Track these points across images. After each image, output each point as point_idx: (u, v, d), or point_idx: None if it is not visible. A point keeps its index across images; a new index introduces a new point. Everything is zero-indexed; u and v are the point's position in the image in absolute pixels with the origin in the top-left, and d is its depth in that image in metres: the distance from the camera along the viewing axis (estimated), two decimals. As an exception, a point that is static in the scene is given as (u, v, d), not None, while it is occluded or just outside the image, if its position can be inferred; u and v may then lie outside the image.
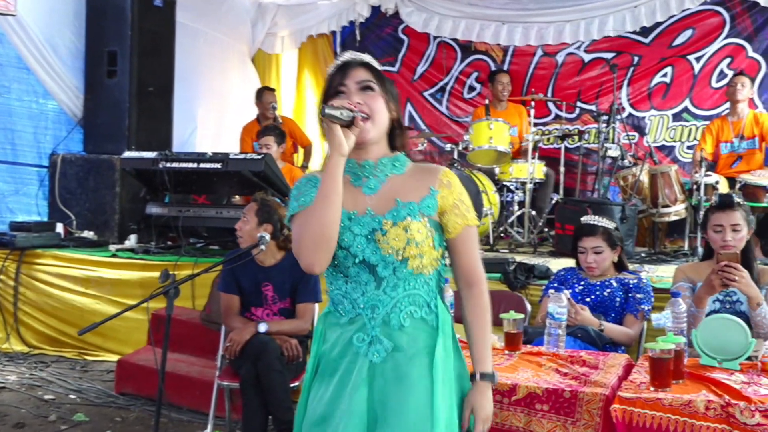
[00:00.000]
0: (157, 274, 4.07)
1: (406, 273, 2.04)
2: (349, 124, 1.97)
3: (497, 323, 4.08)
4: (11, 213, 6.98)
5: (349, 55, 2.15)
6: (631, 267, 4.34)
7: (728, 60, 7.83)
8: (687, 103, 7.98)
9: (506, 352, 3.22)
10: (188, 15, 7.80)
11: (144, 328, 5.56)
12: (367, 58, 2.14)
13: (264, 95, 7.98)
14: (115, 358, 5.54)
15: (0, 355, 5.94)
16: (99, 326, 3.54)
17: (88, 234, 6.71)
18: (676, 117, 8.03)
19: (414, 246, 2.02)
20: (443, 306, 2.11)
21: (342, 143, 1.96)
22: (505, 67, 8.60)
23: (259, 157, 5.69)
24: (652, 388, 2.64)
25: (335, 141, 1.96)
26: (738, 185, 6.08)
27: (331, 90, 2.08)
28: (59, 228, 6.59)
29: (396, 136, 2.14)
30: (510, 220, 7.21)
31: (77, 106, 7.20)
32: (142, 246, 6.20)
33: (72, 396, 5.08)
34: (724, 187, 6.25)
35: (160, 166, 5.84)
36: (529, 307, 4.35)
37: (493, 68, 8.61)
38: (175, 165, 5.83)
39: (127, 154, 6.21)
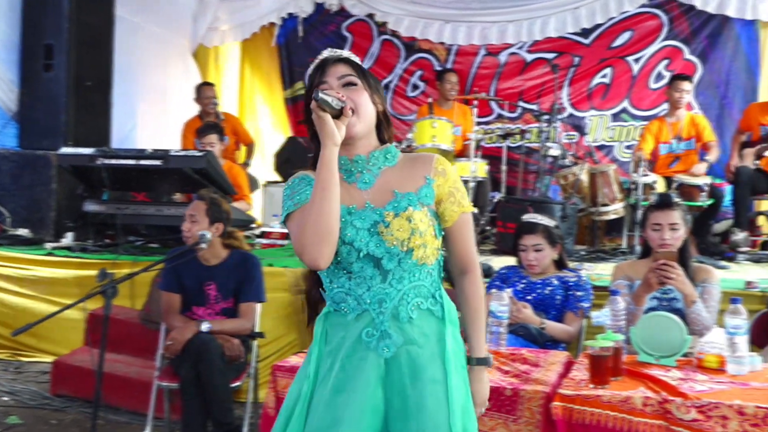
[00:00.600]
0: (94, 272, 3.98)
1: (411, 264, 2.02)
2: (338, 114, 1.96)
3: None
4: (-58, 210, 6.77)
5: (327, 52, 2.13)
6: (570, 265, 4.40)
7: (666, 62, 8.01)
8: (626, 103, 8.14)
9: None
10: (127, 8, 7.65)
11: (81, 328, 5.43)
12: (346, 53, 2.12)
13: (203, 91, 7.88)
14: (50, 358, 5.42)
15: (-70, 357, 5.76)
16: (34, 327, 3.47)
17: (23, 232, 6.53)
18: (616, 117, 8.18)
19: (418, 236, 2.01)
20: (447, 296, 2.12)
21: (334, 132, 1.94)
22: (449, 66, 8.64)
23: (201, 154, 5.61)
24: (591, 385, 2.68)
25: (328, 130, 1.94)
26: (675, 185, 6.20)
27: (312, 87, 2.06)
28: (-8, 225, 6.41)
29: (384, 128, 2.13)
30: (453, 219, 7.23)
31: (11, 100, 7.01)
32: (79, 244, 6.06)
33: (5, 398, 4.95)
34: (661, 187, 6.37)
35: (99, 162, 5.71)
36: (471, 305, 4.36)
37: (437, 67, 8.66)
38: (113, 162, 5.70)
39: (64, 150, 6.06)
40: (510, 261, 4.31)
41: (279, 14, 8.91)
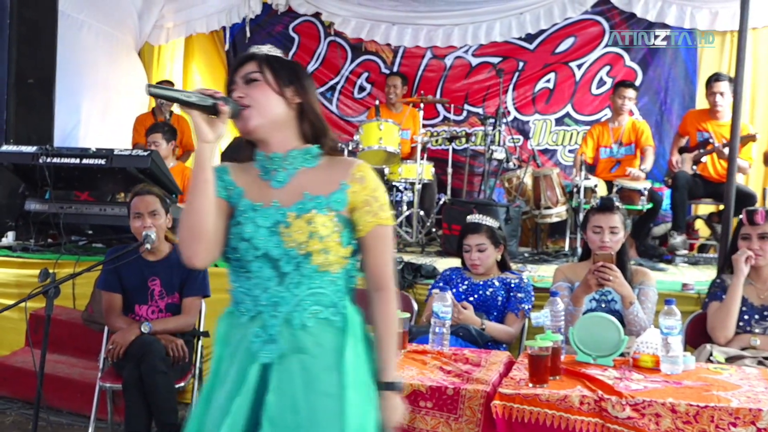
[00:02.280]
0: (36, 272, 3.93)
1: (310, 270, 1.97)
2: (212, 111, 1.95)
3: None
4: None
5: (248, 52, 2.12)
6: (514, 267, 4.49)
7: (608, 68, 8.18)
8: (569, 108, 8.29)
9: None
10: (71, 5, 7.54)
11: (21, 328, 5.33)
12: (259, 49, 2.10)
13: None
14: (-11, 360, 5.32)
15: None
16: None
17: (-39, 231, 6.40)
18: (558, 122, 8.33)
19: (317, 240, 1.95)
20: (352, 307, 2.04)
21: (202, 130, 1.94)
22: (395, 68, 8.72)
23: (145, 153, 5.55)
24: (530, 384, 2.74)
25: (196, 128, 1.94)
26: (616, 188, 6.34)
27: (228, 90, 2.07)
28: (-71, 225, 6.26)
29: (309, 125, 2.08)
30: (399, 220, 7.30)
31: (-50, 98, 6.85)
32: (20, 244, 5.96)
33: (-57, 400, 4.86)
34: (602, 191, 6.51)
35: (40, 161, 5.62)
36: (415, 306, 4.43)
37: (383, 69, 8.73)
38: (56, 160, 5.61)
39: (5, 148, 5.94)
40: (456, 263, 4.37)
41: (229, 18, 8.87)
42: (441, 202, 7.30)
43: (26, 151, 5.71)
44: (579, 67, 8.24)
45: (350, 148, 7.22)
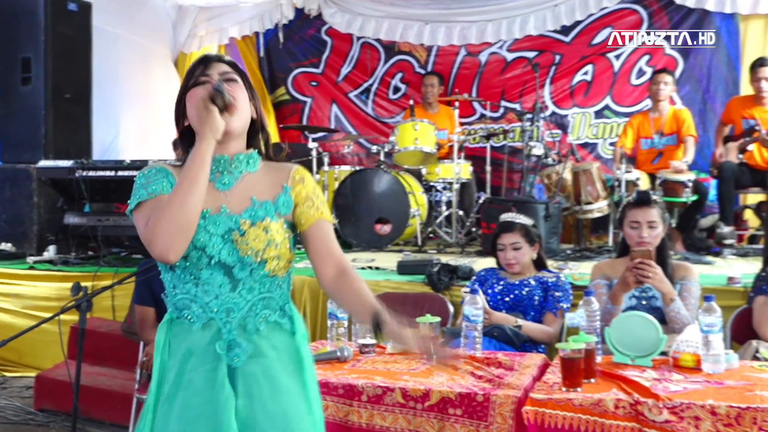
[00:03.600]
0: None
1: (262, 275, 1.98)
2: (223, 109, 1.94)
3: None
4: (-75, 227, 6.72)
5: (211, 53, 2.16)
6: (554, 264, 4.39)
7: (647, 57, 8.00)
8: (608, 100, 8.13)
9: (424, 356, 3.19)
10: (106, 19, 7.60)
11: (64, 341, 5.39)
12: (228, 58, 2.12)
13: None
14: (34, 373, 5.38)
15: None
16: (13, 341, 3.45)
17: (6, 246, 6.49)
18: (598, 114, 8.17)
19: (274, 247, 1.97)
20: (296, 309, 2.09)
21: (219, 127, 1.94)
22: (429, 68, 8.65)
23: (178, 164, 5.56)
24: (563, 389, 2.65)
25: (213, 123, 1.93)
26: (658, 181, 6.19)
27: (192, 80, 2.03)
28: (-26, 241, 6.37)
29: (255, 136, 2.11)
30: (438, 221, 7.23)
31: (-10, 114, 6.97)
32: (61, 257, 6.03)
33: (-12, 415, 4.92)
34: (645, 184, 6.36)
35: (77, 174, 5.69)
36: (451, 308, 4.36)
37: (416, 68, 8.67)
38: (92, 173, 5.68)
39: (43, 163, 6.03)
40: (495, 262, 4.28)
41: (262, 24, 8.87)
42: (480, 201, 7.20)
43: (63, 166, 5.79)
44: (617, 57, 8.07)
45: (386, 149, 7.18)
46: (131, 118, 8.39)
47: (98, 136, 7.39)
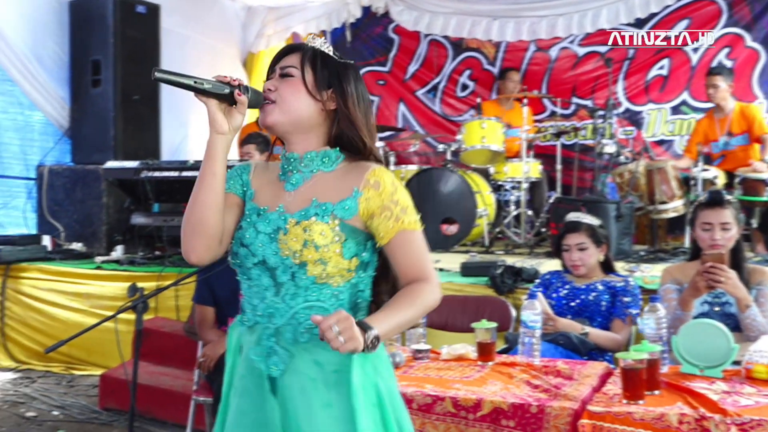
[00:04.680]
0: (142, 285, 3.96)
1: (306, 281, 1.83)
2: (230, 101, 1.85)
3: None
4: (1, 227, 6.91)
5: (297, 43, 2.00)
6: (625, 267, 4.20)
7: (727, 50, 7.67)
8: (685, 95, 7.83)
9: (479, 362, 3.08)
10: (174, 21, 7.69)
11: (129, 340, 5.45)
12: (312, 41, 1.97)
13: None
14: (101, 372, 5.44)
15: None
16: (81, 340, 3.48)
17: (77, 246, 6.62)
18: (675, 110, 7.88)
19: (313, 249, 1.81)
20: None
21: (218, 120, 1.85)
22: (498, 64, 8.50)
23: (240, 164, 5.57)
24: (624, 401, 2.49)
25: (210, 117, 1.85)
26: (737, 179, 5.91)
27: (268, 78, 1.97)
28: (46, 240, 6.50)
29: (343, 135, 1.93)
30: (506, 221, 7.07)
31: (63, 116, 7.11)
32: (128, 257, 6.10)
33: (55, 412, 4.98)
34: (723, 182, 6.09)
35: (142, 175, 5.74)
36: (514, 312, 4.21)
37: (485, 65, 8.50)
38: (157, 174, 5.73)
39: (110, 164, 6.12)
40: (564, 263, 4.12)
41: (329, 23, 8.84)
42: (551, 200, 7.02)
43: (128, 167, 5.86)
44: (695, 51, 7.76)
45: (453, 148, 7.06)
46: (200, 119, 8.43)
47: (167, 138, 7.48)
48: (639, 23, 7.82)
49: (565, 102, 8.22)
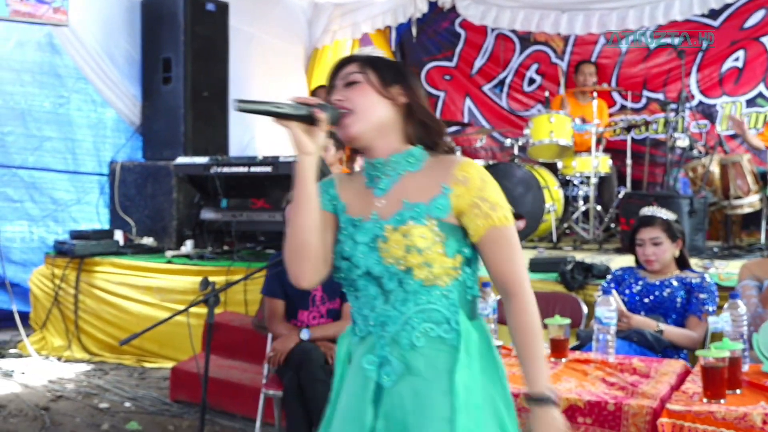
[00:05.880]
0: (211, 280, 4.01)
1: (415, 285, 1.81)
2: (310, 120, 1.81)
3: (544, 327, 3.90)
4: (74, 222, 7.08)
5: (348, 55, 2.00)
6: (698, 263, 4.10)
7: (805, 40, 7.41)
8: (761, 87, 7.57)
9: (552, 359, 3.03)
10: (241, 19, 7.74)
11: (199, 334, 5.52)
12: (364, 50, 1.99)
13: (318, 93, 7.89)
14: (171, 364, 5.52)
15: (61, 363, 6.00)
16: (153, 333, 3.53)
17: (147, 240, 6.74)
18: (750, 103, 7.63)
19: (416, 254, 1.79)
20: (467, 322, 1.83)
21: (303, 142, 1.81)
22: (566, 58, 8.37)
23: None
24: (704, 400, 2.42)
25: (295, 140, 1.81)
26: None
27: (327, 96, 1.94)
28: (118, 235, 6.62)
29: (418, 126, 1.91)
30: (575, 216, 6.96)
31: (135, 113, 7.24)
32: (197, 252, 6.19)
33: (127, 404, 5.07)
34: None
35: (212, 171, 5.81)
36: (585, 308, 4.14)
37: (553, 59, 8.40)
38: (226, 170, 5.79)
39: (180, 160, 6.21)
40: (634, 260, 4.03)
41: (395, 18, 8.80)
42: (621, 196, 6.89)
43: (199, 163, 5.93)
44: (772, 42, 7.51)
45: (520, 143, 6.98)
46: (267, 118, 8.51)
47: (235, 135, 7.54)
48: (713, 14, 7.61)
49: (636, 95, 8.05)
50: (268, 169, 5.68)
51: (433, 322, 1.82)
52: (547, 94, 7.41)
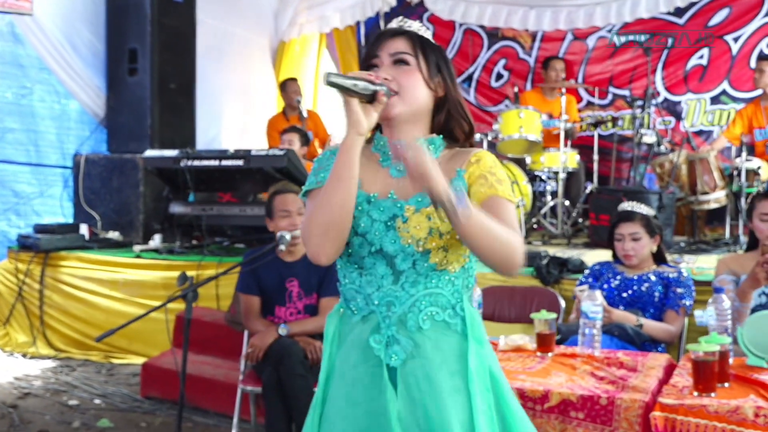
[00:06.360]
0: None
1: (427, 268, 1.81)
2: (370, 99, 1.78)
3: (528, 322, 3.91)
4: (37, 215, 6.92)
5: (395, 23, 1.94)
6: (669, 258, 4.15)
7: (768, 39, 7.54)
8: (725, 85, 7.68)
9: (539, 353, 3.04)
10: (209, 12, 7.66)
11: (170, 329, 5.45)
12: (410, 26, 1.92)
13: (287, 85, 7.85)
14: (141, 360, 5.45)
15: (26, 360, 5.87)
16: (121, 329, 3.46)
17: (113, 235, 6.63)
18: (714, 100, 7.73)
19: (437, 236, 1.79)
20: (471, 309, 1.87)
21: (360, 120, 1.76)
22: (534, 54, 8.39)
23: (282, 153, 5.55)
24: (695, 393, 2.45)
25: (352, 117, 1.76)
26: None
27: (365, 63, 1.90)
28: (83, 229, 6.50)
29: (451, 120, 1.91)
30: (543, 211, 7.00)
31: (99, 105, 7.12)
32: (166, 246, 6.10)
33: (97, 401, 4.99)
34: (766, 173, 6.00)
35: (182, 164, 5.73)
36: (563, 303, 4.16)
37: (521, 55, 8.42)
38: (196, 163, 5.71)
39: (149, 152, 6.11)
40: (604, 253, 4.08)
41: (363, 12, 8.75)
42: (588, 191, 6.94)
43: (168, 156, 5.84)
44: (735, 40, 7.59)
45: (489, 138, 6.99)
46: (233, 109, 8.45)
47: (201, 128, 7.47)
48: (678, 12, 7.70)
49: (603, 92, 8.12)
50: (240, 162, 5.61)
51: (439, 306, 1.83)
52: (516, 89, 7.43)
